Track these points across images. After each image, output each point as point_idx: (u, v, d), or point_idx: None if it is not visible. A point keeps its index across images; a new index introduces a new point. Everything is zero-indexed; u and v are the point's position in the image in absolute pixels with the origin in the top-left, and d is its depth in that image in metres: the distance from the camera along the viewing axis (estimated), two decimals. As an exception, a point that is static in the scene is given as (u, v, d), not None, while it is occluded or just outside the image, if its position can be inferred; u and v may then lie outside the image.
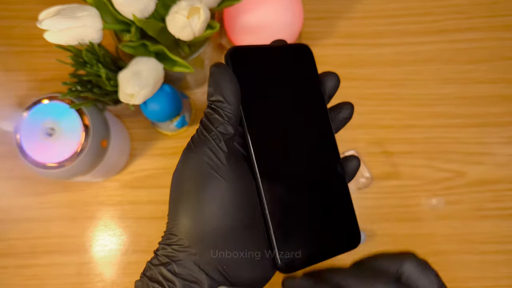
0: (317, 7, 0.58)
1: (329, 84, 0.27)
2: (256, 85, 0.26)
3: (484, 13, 0.57)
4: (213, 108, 0.24)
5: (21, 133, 0.44)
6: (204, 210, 0.22)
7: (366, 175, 0.54)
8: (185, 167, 0.23)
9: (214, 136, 0.23)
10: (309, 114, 0.27)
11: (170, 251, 0.23)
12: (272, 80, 0.26)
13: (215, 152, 0.23)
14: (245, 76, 0.25)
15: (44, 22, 0.37)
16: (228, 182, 0.22)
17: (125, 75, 0.40)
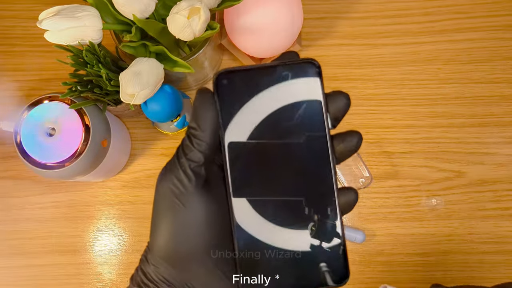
0: (317, 7, 0.58)
1: (335, 106, 0.25)
2: (245, 109, 0.24)
3: (484, 13, 0.57)
4: (188, 135, 0.24)
5: (21, 133, 0.44)
6: (164, 234, 0.24)
7: (366, 175, 0.54)
8: (156, 192, 0.25)
9: (182, 164, 0.24)
10: (303, 141, 0.24)
11: (144, 261, 0.26)
12: (264, 104, 0.24)
13: (180, 180, 0.24)
14: (232, 100, 0.24)
15: (44, 22, 0.37)
16: (188, 209, 0.24)
17: (125, 75, 0.40)
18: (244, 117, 0.24)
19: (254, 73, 0.24)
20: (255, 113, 0.24)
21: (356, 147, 0.25)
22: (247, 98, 0.24)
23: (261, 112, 0.24)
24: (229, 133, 0.24)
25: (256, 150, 0.24)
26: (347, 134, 0.25)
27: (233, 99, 0.24)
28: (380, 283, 0.54)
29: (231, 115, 0.24)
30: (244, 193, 0.24)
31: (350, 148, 0.25)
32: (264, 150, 0.24)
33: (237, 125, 0.24)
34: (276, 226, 0.24)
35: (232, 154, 0.24)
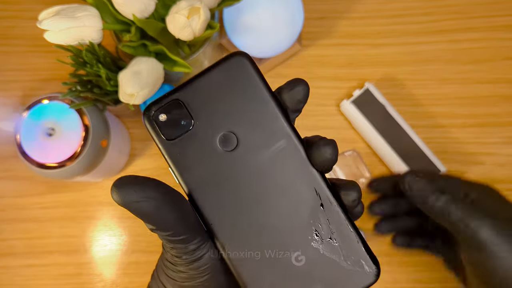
0: (317, 7, 0.58)
1: (292, 97, 0.22)
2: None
3: (484, 13, 0.57)
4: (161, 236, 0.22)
5: (21, 133, 0.44)
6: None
7: (366, 175, 0.54)
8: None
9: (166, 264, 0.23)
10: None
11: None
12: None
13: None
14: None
15: (44, 22, 0.37)
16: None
17: (125, 75, 0.40)
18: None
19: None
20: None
21: (304, 95, 0.22)
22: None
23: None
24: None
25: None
26: (289, 85, 0.22)
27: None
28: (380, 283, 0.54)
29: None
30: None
31: (298, 99, 0.22)
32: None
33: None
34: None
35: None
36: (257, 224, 0.21)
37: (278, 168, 0.22)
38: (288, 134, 0.22)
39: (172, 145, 0.21)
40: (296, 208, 0.22)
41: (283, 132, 0.22)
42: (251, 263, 0.21)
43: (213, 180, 0.21)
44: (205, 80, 0.22)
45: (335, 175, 0.55)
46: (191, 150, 0.21)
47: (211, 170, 0.21)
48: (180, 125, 0.21)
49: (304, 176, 0.22)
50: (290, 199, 0.22)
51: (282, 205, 0.22)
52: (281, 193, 0.22)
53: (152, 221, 0.20)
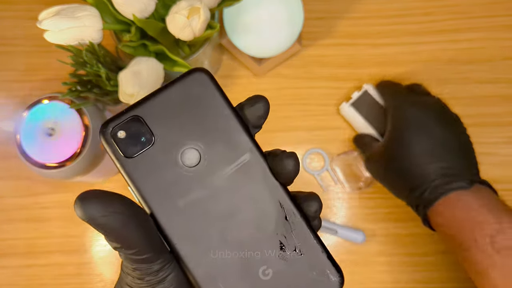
0: (317, 7, 0.58)
1: (253, 113, 0.22)
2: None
3: (484, 13, 0.57)
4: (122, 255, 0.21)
5: (21, 133, 0.44)
6: None
7: (366, 175, 0.54)
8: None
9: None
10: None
11: None
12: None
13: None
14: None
15: (44, 22, 0.37)
16: None
17: (125, 75, 0.40)
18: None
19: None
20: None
21: (264, 111, 0.22)
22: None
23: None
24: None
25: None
26: (250, 101, 0.22)
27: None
28: (380, 283, 0.54)
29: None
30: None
31: (258, 115, 0.22)
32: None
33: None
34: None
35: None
36: (223, 241, 0.21)
37: (242, 183, 0.21)
38: (251, 148, 0.22)
39: (132, 163, 0.21)
40: (261, 221, 0.21)
41: (246, 146, 0.21)
42: (218, 281, 0.21)
43: (176, 198, 0.21)
44: (165, 96, 0.21)
45: (336, 175, 0.55)
46: (152, 167, 0.21)
47: (174, 187, 0.21)
48: (140, 141, 0.21)
49: (268, 189, 0.22)
50: (255, 213, 0.21)
51: (247, 220, 0.21)
52: (246, 208, 0.21)
53: (117, 237, 0.20)
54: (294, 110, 0.56)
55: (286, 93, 0.56)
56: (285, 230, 0.21)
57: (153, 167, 0.21)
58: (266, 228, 0.21)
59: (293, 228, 0.21)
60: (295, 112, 0.56)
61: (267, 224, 0.21)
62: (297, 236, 0.21)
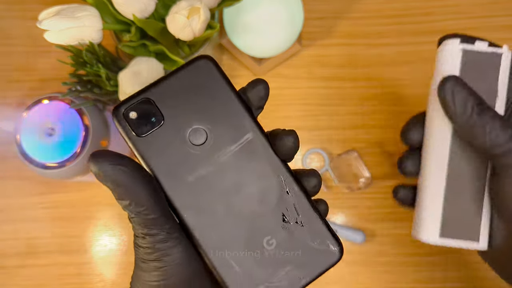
0: (317, 7, 0.58)
1: (255, 95, 0.24)
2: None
3: (484, 13, 0.57)
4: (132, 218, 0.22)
5: (21, 133, 0.44)
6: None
7: (366, 175, 0.54)
8: None
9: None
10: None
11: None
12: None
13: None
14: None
15: (44, 22, 0.37)
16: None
17: (125, 75, 0.40)
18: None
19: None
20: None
21: (265, 92, 0.24)
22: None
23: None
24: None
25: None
26: (251, 84, 0.24)
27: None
28: (380, 283, 0.54)
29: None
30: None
31: (260, 96, 0.24)
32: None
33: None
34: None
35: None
36: (229, 213, 0.22)
37: (245, 159, 0.23)
38: (254, 128, 0.23)
39: (143, 141, 0.23)
40: (264, 195, 0.23)
41: (249, 126, 0.23)
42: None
43: (184, 173, 0.22)
44: (173, 80, 0.23)
45: (336, 175, 0.55)
46: (162, 145, 0.22)
47: (182, 163, 0.22)
48: (150, 122, 0.22)
49: (270, 166, 0.23)
50: (258, 187, 0.23)
51: (251, 193, 0.23)
52: (249, 182, 0.23)
53: (126, 192, 0.21)
54: (294, 110, 0.56)
55: (286, 93, 0.56)
56: (286, 203, 0.23)
57: (162, 145, 0.22)
58: (269, 201, 0.23)
59: (294, 201, 0.23)
60: (295, 112, 0.56)
61: (270, 197, 0.23)
62: (298, 209, 0.23)
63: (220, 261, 0.22)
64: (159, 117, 0.22)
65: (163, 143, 0.22)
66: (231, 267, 0.22)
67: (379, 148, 0.55)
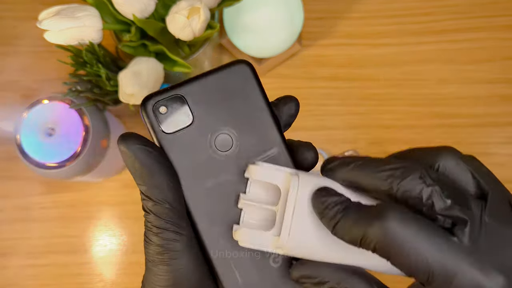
0: (317, 7, 0.58)
1: (286, 111, 0.24)
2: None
3: (484, 13, 0.57)
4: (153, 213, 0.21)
5: (21, 133, 0.44)
6: None
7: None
8: None
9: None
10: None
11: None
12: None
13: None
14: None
15: (44, 22, 0.37)
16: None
17: (125, 75, 0.40)
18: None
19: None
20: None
21: (296, 110, 0.24)
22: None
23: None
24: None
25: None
26: (283, 100, 0.24)
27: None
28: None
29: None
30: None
31: (290, 113, 0.24)
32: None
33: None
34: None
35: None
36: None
37: None
38: (280, 143, 0.23)
39: (168, 138, 0.22)
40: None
41: (275, 140, 0.22)
42: (232, 265, 0.22)
43: (204, 178, 0.22)
44: (208, 81, 0.22)
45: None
46: (187, 145, 0.22)
47: (204, 167, 0.22)
48: (179, 120, 0.22)
49: None
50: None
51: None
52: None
53: (150, 174, 0.21)
54: (294, 110, 0.56)
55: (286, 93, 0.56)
56: None
57: (187, 145, 0.22)
58: None
59: None
60: (295, 112, 0.56)
61: None
62: None
63: (226, 273, 0.22)
64: (188, 116, 0.22)
65: (188, 143, 0.22)
66: (236, 280, 0.22)
67: (379, 148, 0.55)
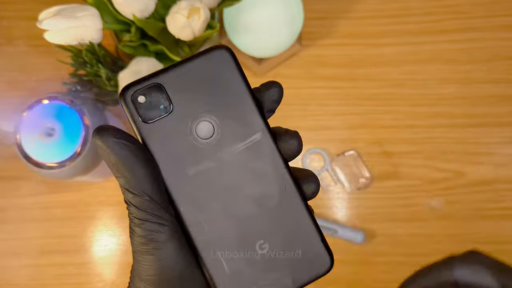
0: (317, 7, 0.58)
1: (269, 97, 0.23)
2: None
3: (484, 13, 0.57)
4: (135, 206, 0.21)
5: (21, 133, 0.44)
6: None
7: (366, 175, 0.54)
8: None
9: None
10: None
11: None
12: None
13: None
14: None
15: (44, 22, 0.37)
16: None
17: (125, 75, 0.40)
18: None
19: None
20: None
21: (279, 96, 0.24)
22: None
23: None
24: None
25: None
26: (266, 85, 0.23)
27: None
28: (380, 283, 0.54)
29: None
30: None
31: (273, 99, 0.23)
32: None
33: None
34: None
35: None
36: (225, 212, 0.22)
37: (250, 160, 0.22)
38: (263, 129, 0.22)
39: (148, 127, 0.21)
40: (263, 199, 0.22)
41: (258, 126, 0.22)
42: (217, 249, 0.22)
43: (186, 166, 0.22)
44: (187, 68, 0.22)
45: (335, 175, 0.55)
46: (167, 134, 0.22)
47: (185, 156, 0.22)
48: (158, 108, 0.22)
49: (274, 170, 0.22)
50: (258, 190, 0.22)
51: (250, 195, 0.22)
52: (250, 184, 0.22)
53: (128, 167, 0.20)
54: (294, 110, 0.56)
55: (286, 93, 0.56)
56: (284, 210, 0.22)
57: (168, 134, 0.22)
58: (267, 205, 0.22)
59: (291, 208, 0.23)
60: (295, 112, 0.56)
61: (268, 201, 0.22)
62: (295, 216, 0.23)
63: (211, 259, 0.22)
64: (168, 104, 0.22)
65: (168, 132, 0.22)
66: (221, 267, 0.22)
67: (379, 148, 0.55)
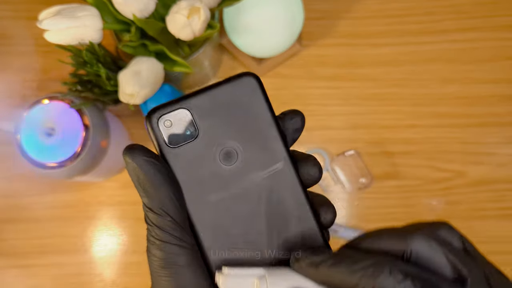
0: (317, 7, 0.58)
1: (292, 126, 0.24)
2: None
3: (485, 13, 0.57)
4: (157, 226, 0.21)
5: (21, 133, 0.44)
6: None
7: (366, 175, 0.54)
8: None
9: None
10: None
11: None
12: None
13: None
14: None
15: (44, 22, 0.37)
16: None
17: (125, 75, 0.40)
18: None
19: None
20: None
21: (301, 125, 0.24)
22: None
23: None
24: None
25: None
26: (289, 114, 0.24)
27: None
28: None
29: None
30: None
31: (296, 128, 0.24)
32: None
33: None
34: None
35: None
36: (244, 241, 0.22)
37: (271, 189, 0.22)
38: (285, 157, 0.23)
39: (173, 152, 0.22)
40: (281, 228, 0.22)
41: (281, 155, 0.23)
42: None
43: (208, 192, 0.22)
44: (214, 94, 0.22)
45: (335, 175, 0.55)
46: (191, 160, 0.22)
47: (208, 182, 0.22)
48: (184, 133, 0.22)
49: (294, 201, 0.22)
50: (277, 220, 0.22)
51: (269, 225, 0.22)
52: (269, 212, 0.22)
53: (154, 186, 0.21)
54: (294, 110, 0.56)
55: (286, 93, 0.56)
56: (300, 239, 0.22)
57: (192, 159, 0.22)
58: (284, 234, 0.22)
59: (307, 238, 0.22)
60: (295, 112, 0.56)
61: (286, 230, 0.22)
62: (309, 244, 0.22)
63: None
64: (194, 130, 0.22)
65: (193, 157, 0.22)
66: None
67: (379, 148, 0.55)
